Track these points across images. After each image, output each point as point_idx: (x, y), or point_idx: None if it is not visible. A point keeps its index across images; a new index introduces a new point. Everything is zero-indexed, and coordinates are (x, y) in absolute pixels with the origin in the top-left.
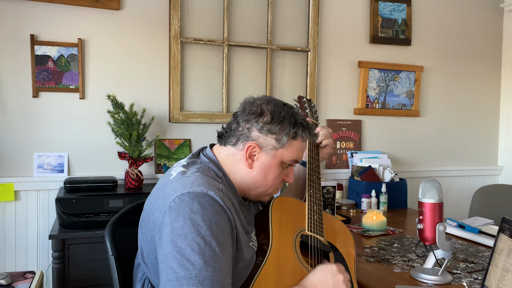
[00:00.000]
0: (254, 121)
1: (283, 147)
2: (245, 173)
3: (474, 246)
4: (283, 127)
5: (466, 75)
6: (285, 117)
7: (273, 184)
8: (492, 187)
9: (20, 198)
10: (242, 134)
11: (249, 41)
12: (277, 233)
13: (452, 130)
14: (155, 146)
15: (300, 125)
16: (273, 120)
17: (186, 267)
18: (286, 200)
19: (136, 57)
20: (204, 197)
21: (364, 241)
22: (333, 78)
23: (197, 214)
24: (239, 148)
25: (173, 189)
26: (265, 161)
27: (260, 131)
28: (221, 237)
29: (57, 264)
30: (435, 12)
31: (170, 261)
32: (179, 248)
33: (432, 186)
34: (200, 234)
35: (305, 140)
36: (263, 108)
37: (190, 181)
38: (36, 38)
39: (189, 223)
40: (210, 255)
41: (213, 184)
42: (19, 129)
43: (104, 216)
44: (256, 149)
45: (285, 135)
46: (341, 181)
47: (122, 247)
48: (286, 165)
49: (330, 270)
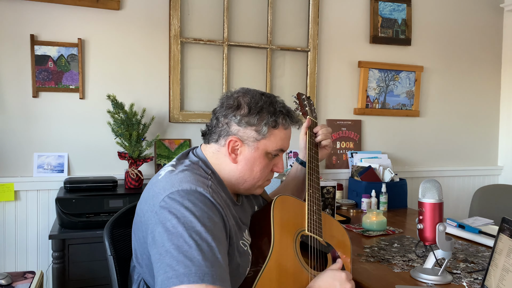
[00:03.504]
0: (232, 115)
1: (265, 138)
2: (231, 168)
3: (474, 246)
4: (261, 117)
5: (466, 75)
6: (263, 107)
7: (261, 176)
8: (492, 187)
9: (20, 198)
10: (223, 129)
11: (249, 41)
12: (279, 233)
13: (452, 130)
14: (155, 146)
15: (280, 113)
16: (251, 111)
17: (185, 264)
18: (287, 199)
19: (136, 57)
20: (194, 194)
21: (364, 241)
22: (333, 78)
23: (189, 211)
24: (221, 144)
25: (162, 188)
26: (248, 154)
27: (239, 124)
28: (216, 231)
29: (57, 264)
30: (435, 12)
31: (167, 259)
32: (176, 246)
33: (432, 186)
34: (195, 230)
35: (287, 128)
36: (239, 100)
37: (178, 178)
38: (36, 38)
39: (182, 221)
40: (207, 250)
41: (201, 181)
42: (19, 129)
43: (104, 216)
44: (238, 143)
45: (264, 125)
46: (341, 181)
47: (121, 247)
48: (272, 155)
49: (340, 278)
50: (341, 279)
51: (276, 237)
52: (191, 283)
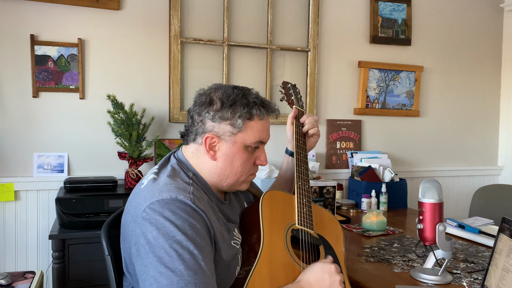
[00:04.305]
0: (205, 112)
1: (241, 131)
2: (212, 166)
3: (474, 246)
4: (234, 110)
5: (466, 75)
6: (236, 100)
7: (243, 170)
8: (492, 187)
9: (20, 198)
10: (198, 128)
11: (249, 41)
12: (268, 230)
13: (452, 130)
14: (155, 146)
15: (254, 104)
16: (223, 105)
17: (167, 275)
18: (276, 194)
19: (136, 57)
20: (174, 203)
21: (364, 241)
22: (333, 78)
23: (169, 221)
24: (198, 142)
25: (143, 198)
26: (227, 150)
27: (213, 120)
28: (198, 239)
29: (57, 264)
30: (435, 12)
31: (150, 271)
32: (158, 258)
33: (432, 186)
34: (175, 240)
35: (263, 119)
36: (211, 96)
37: (159, 188)
38: (36, 38)
39: (162, 231)
40: (189, 258)
41: (182, 188)
42: (19, 129)
43: (104, 216)
44: (215, 139)
45: (239, 118)
46: (341, 181)
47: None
48: (252, 148)
49: (329, 271)
50: (331, 271)
51: (265, 233)
52: None
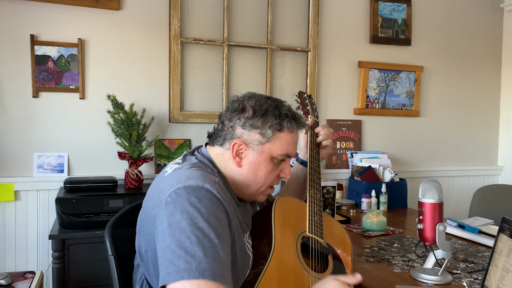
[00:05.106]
0: (236, 118)
1: (270, 141)
2: (235, 172)
3: (474, 246)
4: (266, 120)
5: (466, 75)
6: (268, 110)
7: (266, 181)
8: (492, 187)
9: (20, 198)
10: (227, 133)
11: (249, 41)
12: (280, 234)
13: (452, 130)
14: (155, 146)
15: (285, 116)
16: (255, 114)
17: (186, 260)
18: (288, 200)
19: (136, 57)
20: (200, 190)
21: (364, 241)
22: (333, 78)
23: (194, 207)
24: (226, 147)
25: (169, 184)
26: (253, 158)
27: (243, 127)
28: (219, 229)
29: (57, 264)
30: (435, 12)
31: (168, 255)
32: (178, 242)
33: (432, 186)
34: (198, 226)
35: (293, 132)
36: (244, 104)
37: (186, 175)
38: (36, 38)
39: (186, 216)
40: (209, 246)
41: (209, 178)
42: (19, 129)
43: (104, 216)
44: (243, 147)
45: (269, 128)
46: (341, 181)
47: (122, 247)
48: (278, 160)
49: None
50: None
51: (277, 238)
52: (191, 279)
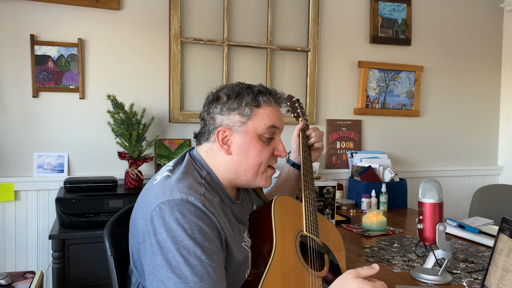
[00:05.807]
0: (213, 108)
1: (251, 119)
2: (228, 161)
3: (474, 246)
4: (241, 100)
5: (466, 75)
6: (240, 91)
7: (260, 160)
8: (492, 187)
9: (20, 198)
10: (210, 126)
11: (249, 41)
12: (280, 233)
13: (452, 130)
14: (155, 146)
15: (259, 92)
16: (229, 97)
17: (173, 281)
18: (286, 199)
19: (136, 57)
20: (184, 205)
21: (364, 241)
22: (333, 78)
23: (178, 224)
24: (212, 140)
25: (154, 196)
26: (240, 141)
27: (221, 113)
28: (206, 243)
29: (57, 264)
30: (435, 12)
31: (158, 274)
32: (166, 261)
33: (432, 186)
34: (183, 245)
35: (271, 105)
36: (218, 93)
37: (170, 187)
38: (36, 38)
39: (170, 234)
40: (195, 265)
41: (194, 189)
42: (19, 129)
43: (104, 216)
44: (227, 133)
45: (246, 106)
46: (341, 181)
47: (121, 247)
48: (266, 138)
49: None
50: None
51: (278, 236)
52: None
